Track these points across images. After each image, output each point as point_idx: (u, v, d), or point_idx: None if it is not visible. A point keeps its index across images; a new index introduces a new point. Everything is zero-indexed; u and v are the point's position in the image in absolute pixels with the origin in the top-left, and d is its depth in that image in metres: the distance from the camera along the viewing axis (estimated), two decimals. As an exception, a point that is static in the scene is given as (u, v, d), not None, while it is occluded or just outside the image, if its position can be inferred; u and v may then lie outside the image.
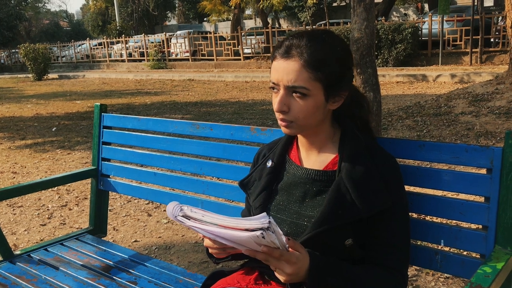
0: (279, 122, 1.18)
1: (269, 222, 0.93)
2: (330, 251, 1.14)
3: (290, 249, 1.02)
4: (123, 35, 24.35)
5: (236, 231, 0.95)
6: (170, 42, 21.85)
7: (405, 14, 27.78)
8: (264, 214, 0.95)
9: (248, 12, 37.05)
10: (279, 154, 1.29)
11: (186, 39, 20.92)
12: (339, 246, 1.13)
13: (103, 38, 26.12)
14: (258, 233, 0.92)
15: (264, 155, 1.35)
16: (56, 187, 4.28)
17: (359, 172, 1.14)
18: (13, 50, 28.64)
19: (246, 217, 0.96)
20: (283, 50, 1.14)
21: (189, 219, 1.00)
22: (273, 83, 1.16)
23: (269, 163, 1.29)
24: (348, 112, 1.24)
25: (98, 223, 2.28)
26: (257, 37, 18.84)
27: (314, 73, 1.11)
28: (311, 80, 1.11)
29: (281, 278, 1.04)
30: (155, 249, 3.02)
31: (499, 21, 13.87)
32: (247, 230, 0.93)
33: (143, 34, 23.84)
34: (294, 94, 1.13)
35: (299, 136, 1.27)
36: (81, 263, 1.86)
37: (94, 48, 25.00)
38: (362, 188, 1.13)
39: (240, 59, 18.77)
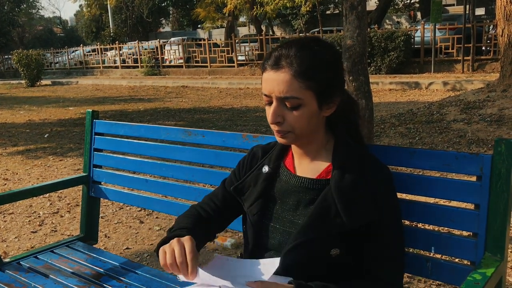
0: (275, 133, 1.18)
1: None
2: (316, 261, 1.13)
3: None
4: (117, 42, 24.30)
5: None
6: (164, 49, 21.84)
7: (398, 22, 28.02)
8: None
9: (242, 19, 37.16)
10: (275, 160, 1.28)
11: (180, 46, 20.93)
12: (325, 255, 1.12)
13: (97, 45, 26.07)
14: None
15: (258, 159, 1.33)
16: (47, 194, 4.25)
17: (348, 182, 1.13)
18: (6, 56, 28.46)
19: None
20: (273, 61, 1.14)
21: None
22: (265, 95, 1.16)
23: (265, 169, 1.28)
24: (341, 118, 1.23)
25: (89, 230, 2.26)
26: (251, 44, 18.89)
27: (304, 82, 1.11)
28: (302, 89, 1.11)
29: None
30: (147, 256, 3.00)
31: (490, 29, 14.02)
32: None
33: (137, 40, 23.82)
34: (287, 104, 1.13)
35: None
36: (72, 271, 1.84)
37: (87, 55, 24.90)
38: (349, 200, 1.12)
39: (234, 66, 18.79)
